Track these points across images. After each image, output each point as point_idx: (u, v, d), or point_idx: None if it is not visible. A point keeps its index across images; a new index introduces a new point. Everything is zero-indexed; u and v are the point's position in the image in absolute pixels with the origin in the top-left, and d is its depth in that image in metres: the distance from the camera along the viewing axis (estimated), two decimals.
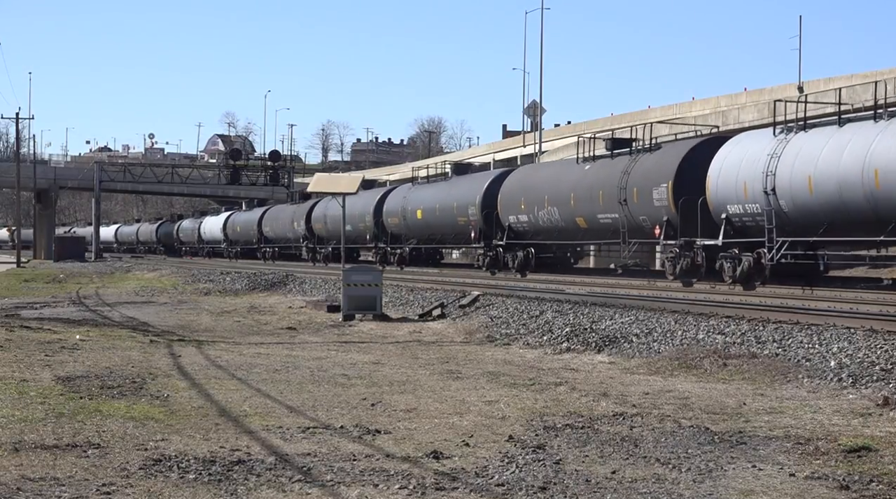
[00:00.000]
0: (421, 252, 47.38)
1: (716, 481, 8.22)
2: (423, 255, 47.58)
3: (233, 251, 76.96)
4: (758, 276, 25.86)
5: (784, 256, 25.01)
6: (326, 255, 55.88)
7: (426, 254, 47.76)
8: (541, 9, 65.52)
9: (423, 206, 44.43)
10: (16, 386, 12.66)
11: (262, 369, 15.12)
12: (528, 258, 36.69)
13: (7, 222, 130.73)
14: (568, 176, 34.58)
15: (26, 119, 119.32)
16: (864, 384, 12.56)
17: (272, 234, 67.50)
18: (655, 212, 29.32)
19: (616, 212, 31.03)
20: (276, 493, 7.80)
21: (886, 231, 22.43)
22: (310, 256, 58.91)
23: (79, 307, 30.71)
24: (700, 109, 59.87)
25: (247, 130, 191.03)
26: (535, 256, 36.58)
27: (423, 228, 44.73)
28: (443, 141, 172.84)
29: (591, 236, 34.68)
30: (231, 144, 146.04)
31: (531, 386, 13.55)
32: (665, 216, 29.00)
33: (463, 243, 42.90)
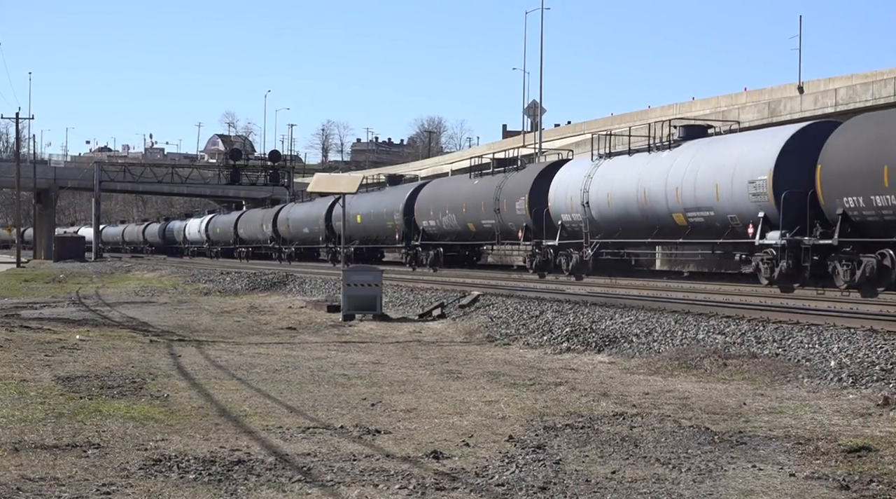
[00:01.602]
0: (363, 251, 53.66)
1: (716, 481, 8.22)
2: (364, 254, 53.74)
3: (214, 251, 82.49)
4: (584, 268, 33.21)
5: (599, 253, 32.93)
6: (290, 253, 63.54)
7: (367, 253, 53.86)
8: (541, 9, 65.49)
9: (362, 211, 51.27)
10: (16, 386, 12.66)
11: (262, 369, 15.12)
12: (438, 256, 43.75)
13: (7, 222, 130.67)
14: (462, 189, 42.28)
15: (26, 119, 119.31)
16: (864, 384, 12.56)
17: (245, 235, 74.53)
18: (518, 219, 37.15)
19: (493, 218, 39.17)
20: (276, 493, 7.80)
21: (653, 234, 30.84)
22: (275, 256, 66.75)
23: (79, 307, 30.71)
24: (700, 109, 59.88)
25: (247, 130, 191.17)
26: (444, 254, 43.60)
27: (363, 230, 51.81)
28: (443, 141, 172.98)
29: (479, 238, 42.11)
30: (231, 144, 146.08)
31: (531, 386, 13.55)
32: (524, 222, 36.83)
33: (391, 244, 49.40)
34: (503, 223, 38.42)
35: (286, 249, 64.81)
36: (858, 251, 23.30)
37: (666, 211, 29.52)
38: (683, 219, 29.04)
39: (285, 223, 65.22)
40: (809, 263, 24.52)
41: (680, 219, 29.17)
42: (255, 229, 71.99)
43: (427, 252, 44.38)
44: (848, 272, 23.51)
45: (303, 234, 62.30)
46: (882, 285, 22.80)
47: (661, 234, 30.63)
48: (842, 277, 23.68)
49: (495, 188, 38.87)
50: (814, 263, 24.44)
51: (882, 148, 22.41)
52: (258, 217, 72.44)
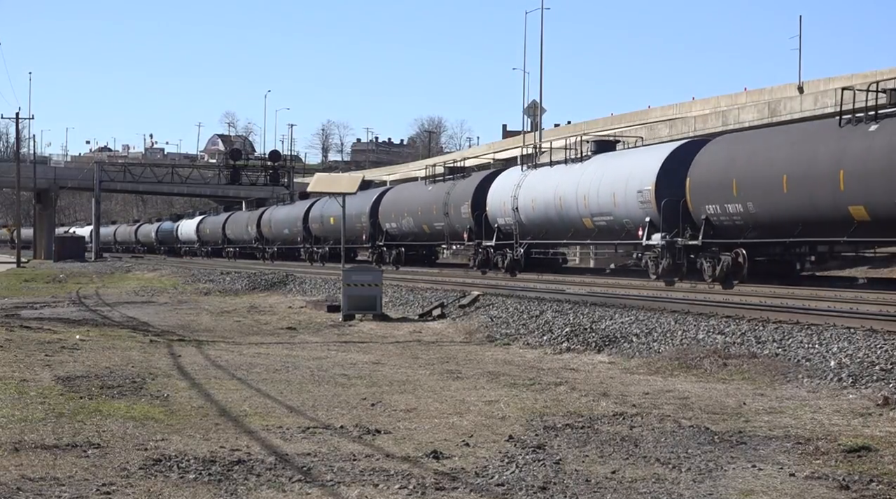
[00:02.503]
0: (337, 251, 55.82)
1: (716, 481, 8.22)
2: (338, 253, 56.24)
3: (204, 250, 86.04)
4: (517, 266, 36.97)
5: (529, 252, 37.07)
6: (272, 253, 67.49)
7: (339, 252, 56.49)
8: (541, 9, 65.48)
9: (335, 214, 54.22)
10: (16, 386, 12.66)
11: (262, 369, 15.12)
12: (400, 255, 47.65)
13: (7, 222, 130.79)
14: (418, 194, 46.37)
15: (26, 119, 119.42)
16: (864, 384, 12.56)
17: (232, 236, 78.37)
18: (464, 222, 41.14)
19: (443, 221, 43.04)
20: (276, 493, 7.80)
21: (568, 236, 35.35)
22: (259, 255, 70.33)
23: (79, 307, 30.72)
24: (700, 109, 59.92)
25: (247, 130, 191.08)
26: (405, 253, 47.79)
27: (335, 231, 54.54)
28: (443, 141, 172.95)
29: (433, 239, 45.97)
30: (231, 144, 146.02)
31: (531, 386, 13.55)
32: (468, 225, 40.83)
33: (360, 244, 52.85)
34: (451, 226, 42.59)
35: (269, 249, 68.48)
36: (719, 250, 27.72)
37: (577, 216, 33.78)
38: (591, 223, 33.36)
39: (268, 224, 68.98)
40: (684, 261, 28.70)
41: (588, 223, 33.46)
42: (241, 230, 75.43)
43: (390, 251, 48.49)
44: (711, 268, 27.75)
45: (283, 235, 65.71)
46: (737, 279, 26.76)
47: (574, 235, 35.19)
48: (706, 272, 27.84)
49: (445, 194, 43.04)
50: (688, 260, 28.64)
51: (731, 165, 27.18)
52: (244, 219, 76.30)
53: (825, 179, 23.76)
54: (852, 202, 23.15)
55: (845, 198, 23.26)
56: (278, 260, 64.16)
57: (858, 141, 23.34)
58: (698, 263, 28.09)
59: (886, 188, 22.17)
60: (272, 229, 68.04)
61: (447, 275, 37.85)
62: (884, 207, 22.44)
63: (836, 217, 23.77)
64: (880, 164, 22.45)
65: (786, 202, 25.05)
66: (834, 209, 23.71)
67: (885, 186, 22.21)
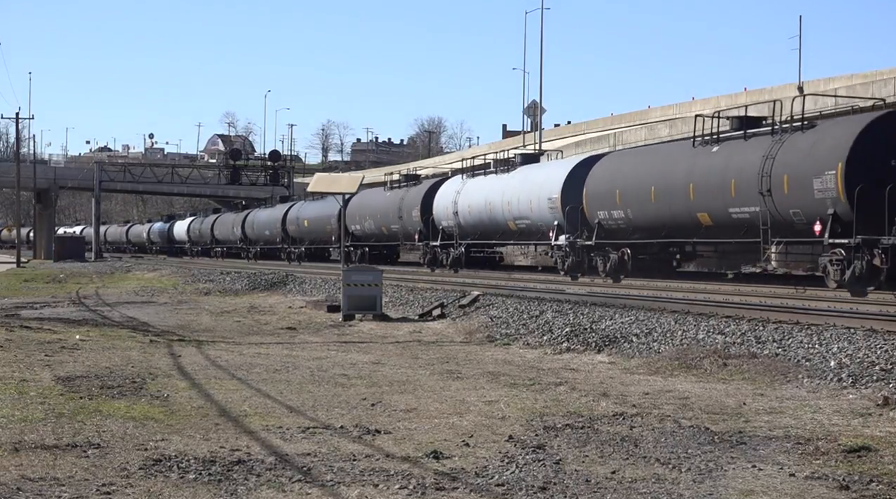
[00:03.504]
0: (312, 251, 62.17)
1: (716, 481, 8.22)
2: (314, 253, 62.30)
3: (194, 250, 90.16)
4: (458, 263, 41.91)
5: (469, 251, 42.34)
6: (255, 253, 72.21)
7: (316, 252, 62.34)
8: (541, 9, 65.49)
9: (309, 217, 61.16)
10: (16, 386, 12.66)
11: (262, 369, 15.12)
12: (364, 255, 52.04)
13: (7, 222, 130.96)
14: (378, 199, 51.38)
15: (26, 119, 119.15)
16: (864, 384, 12.56)
17: (220, 237, 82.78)
18: (415, 225, 46.05)
19: (398, 224, 47.94)
20: (276, 493, 7.80)
21: (497, 237, 40.78)
22: (244, 255, 75.20)
23: (79, 307, 30.72)
24: (700, 109, 59.87)
25: (247, 130, 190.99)
26: (369, 253, 52.36)
27: (310, 233, 61.16)
28: (443, 141, 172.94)
29: (391, 240, 50.60)
30: (231, 144, 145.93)
31: (531, 386, 13.55)
32: (419, 227, 45.58)
33: (330, 244, 58.50)
34: (405, 228, 47.55)
35: (252, 249, 73.30)
36: (609, 249, 32.61)
37: (503, 219, 39.02)
38: (514, 225, 38.48)
39: (251, 226, 73.89)
40: (584, 258, 33.59)
41: (512, 225, 38.63)
42: (228, 231, 80.00)
43: (356, 251, 53.06)
44: (603, 264, 32.78)
45: (265, 236, 70.73)
46: (623, 273, 31.81)
47: (502, 236, 40.54)
48: (600, 269, 32.86)
49: (399, 200, 48.10)
50: (589, 258, 33.35)
51: (616, 178, 32.34)
52: (230, 220, 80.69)
53: (680, 190, 28.86)
54: (699, 210, 28.27)
55: (694, 206, 28.37)
56: (261, 259, 68.75)
57: (704, 160, 28.46)
58: (594, 261, 33.09)
59: (721, 199, 27.23)
60: (255, 231, 73.00)
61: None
62: (720, 213, 27.49)
63: (689, 222, 29.00)
64: (717, 179, 27.48)
65: (653, 210, 30.23)
66: (687, 215, 28.86)
67: (720, 196, 27.28)
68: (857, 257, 23.08)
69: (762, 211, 25.55)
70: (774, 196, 25.25)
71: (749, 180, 25.93)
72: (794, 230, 25.38)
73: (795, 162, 24.85)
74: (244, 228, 74.89)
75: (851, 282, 23.34)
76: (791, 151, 25.17)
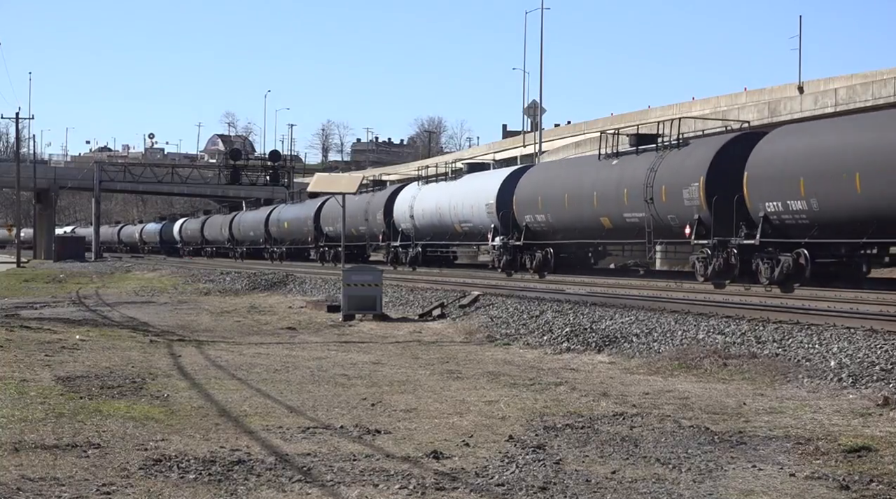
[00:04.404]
0: (293, 250, 66.67)
1: (716, 481, 8.22)
2: (294, 253, 66.72)
3: (186, 250, 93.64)
4: (416, 261, 45.98)
5: (424, 250, 46.33)
6: (241, 253, 76.54)
7: (296, 252, 66.37)
8: (541, 9, 65.56)
9: (289, 219, 66.20)
10: (16, 386, 12.66)
11: (262, 369, 15.12)
12: (337, 254, 54.55)
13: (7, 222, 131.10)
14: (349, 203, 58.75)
15: (26, 119, 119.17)
16: (864, 384, 12.56)
17: (210, 237, 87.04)
18: (379, 226, 50.44)
19: (365, 226, 52.63)
20: (276, 493, 7.80)
21: (446, 238, 45.13)
22: (231, 254, 79.38)
23: (79, 307, 30.72)
24: (700, 109, 59.87)
25: (247, 130, 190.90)
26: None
27: (290, 234, 65.97)
28: (443, 141, 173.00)
29: (360, 240, 54.53)
30: (231, 144, 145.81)
31: (531, 386, 13.55)
32: (383, 229, 50.08)
33: (307, 245, 62.77)
34: (371, 229, 52.01)
35: (239, 249, 77.55)
36: (535, 248, 36.78)
37: (451, 222, 43.37)
38: (460, 228, 42.82)
39: (238, 227, 78.17)
40: (516, 257, 37.83)
41: (458, 228, 42.98)
42: (217, 232, 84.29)
43: (330, 251, 57.50)
44: (530, 261, 37.04)
45: (250, 236, 75.00)
46: (547, 270, 36.10)
47: (450, 237, 44.89)
48: (528, 265, 36.87)
49: (366, 203, 52.47)
50: (519, 256, 37.66)
51: (539, 187, 36.64)
52: (218, 221, 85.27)
53: (587, 198, 33.38)
54: (602, 215, 32.80)
55: (598, 211, 32.92)
56: (247, 259, 72.71)
57: (605, 172, 33.05)
58: (523, 259, 37.40)
59: (617, 205, 31.73)
60: (241, 232, 77.39)
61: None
62: (618, 218, 31.90)
63: (595, 225, 33.62)
64: (614, 188, 32.00)
65: (568, 214, 34.76)
66: (593, 219, 33.39)
67: (616, 203, 31.78)
68: (716, 255, 27.71)
69: (646, 216, 30.24)
70: (656, 204, 29.82)
71: (637, 190, 30.47)
72: (672, 233, 30.00)
73: (671, 175, 29.38)
74: (231, 229, 78.92)
75: (712, 276, 27.97)
76: (668, 165, 29.75)
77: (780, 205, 25.47)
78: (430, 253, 47.01)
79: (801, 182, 24.79)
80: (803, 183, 24.75)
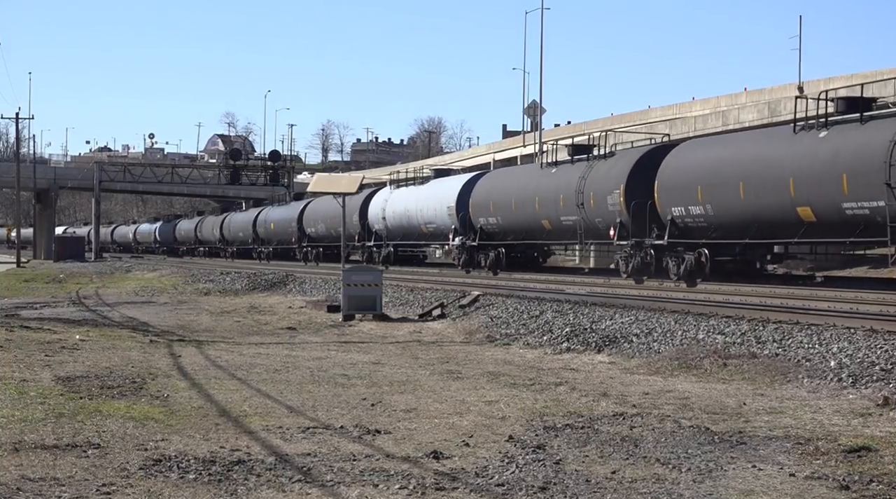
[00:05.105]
0: (279, 251, 69.71)
1: (716, 481, 8.22)
2: (280, 253, 69.61)
3: (181, 249, 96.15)
4: (389, 260, 49.18)
5: (396, 250, 50.20)
6: (232, 252, 79.88)
7: (282, 252, 69.07)
8: (541, 9, 65.49)
9: (275, 220, 69.95)
10: (16, 386, 12.65)
11: (262, 369, 15.12)
12: (319, 253, 60.42)
13: (7, 222, 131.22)
14: (327, 206, 57.39)
15: (26, 119, 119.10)
16: (864, 384, 12.56)
17: (203, 237, 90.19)
18: (355, 227, 52.61)
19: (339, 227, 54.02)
20: (276, 493, 7.81)
21: (414, 238, 48.65)
22: (222, 254, 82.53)
23: (79, 307, 30.72)
24: (700, 109, 59.91)
25: (247, 130, 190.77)
26: (322, 252, 60.39)
27: (274, 235, 70.09)
28: (443, 141, 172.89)
29: (336, 240, 54.41)
30: (231, 144, 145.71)
31: (531, 386, 13.55)
32: (358, 230, 52.79)
33: (291, 245, 65.78)
34: (348, 230, 53.23)
35: (229, 249, 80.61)
36: (490, 249, 40.79)
37: (417, 223, 46.91)
38: (426, 228, 46.31)
39: (228, 228, 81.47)
40: (474, 256, 41.72)
41: (424, 229, 46.48)
42: (209, 233, 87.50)
43: (312, 251, 61.79)
44: (484, 260, 41.14)
45: (239, 237, 78.28)
46: (499, 268, 39.51)
47: (418, 237, 48.42)
48: (483, 264, 41.00)
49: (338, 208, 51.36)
50: (476, 255, 41.69)
51: (491, 192, 41.13)
52: (211, 223, 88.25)
53: (530, 203, 37.38)
54: (543, 218, 36.61)
55: (539, 214, 36.75)
56: (237, 258, 75.78)
57: (545, 179, 37.06)
58: (479, 258, 41.41)
59: (555, 210, 35.60)
60: (231, 233, 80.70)
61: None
62: (555, 220, 35.78)
63: (537, 227, 37.30)
64: (552, 194, 35.87)
65: (514, 217, 38.64)
66: (535, 222, 37.28)
67: (554, 208, 35.67)
68: (634, 254, 31.22)
69: (578, 219, 34.09)
70: (586, 208, 33.60)
71: (571, 196, 34.41)
72: (599, 234, 33.68)
73: (598, 183, 33.11)
74: (222, 229, 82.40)
75: (633, 272, 31.41)
76: (596, 174, 33.56)
77: (684, 210, 29.20)
78: (402, 252, 50.86)
79: (699, 190, 28.43)
80: (700, 191, 28.38)
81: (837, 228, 24.60)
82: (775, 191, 25.63)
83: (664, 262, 30.03)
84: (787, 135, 26.42)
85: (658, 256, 30.23)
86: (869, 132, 23.77)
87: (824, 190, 24.24)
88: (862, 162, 23.32)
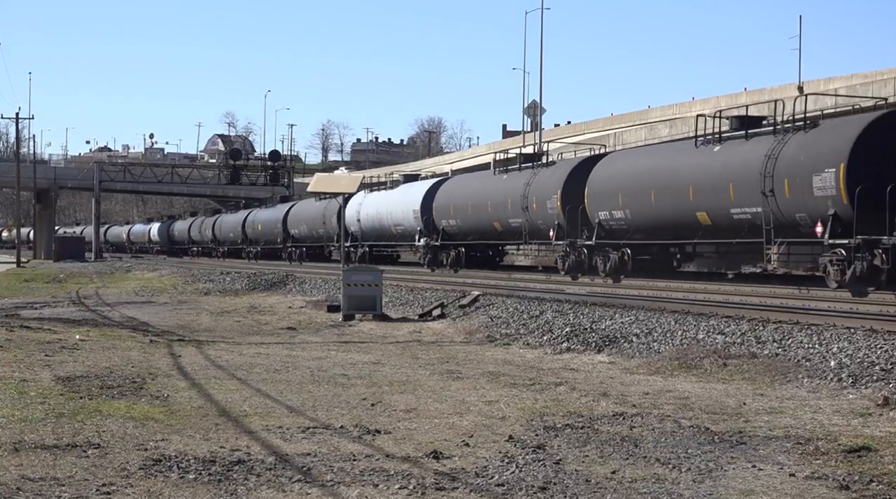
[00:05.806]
0: (266, 251, 72.85)
1: (716, 481, 8.22)
2: (267, 253, 72.60)
3: (175, 249, 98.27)
4: (364, 259, 52.16)
5: (371, 250, 53.30)
6: (223, 252, 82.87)
7: (269, 252, 72.11)
8: (541, 9, 65.47)
9: (262, 221, 73.91)
10: (16, 386, 12.65)
11: (262, 369, 15.12)
12: (302, 253, 64.00)
13: (7, 222, 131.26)
14: (311, 209, 63.05)
15: (26, 119, 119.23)
16: (864, 384, 12.56)
17: (196, 237, 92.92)
18: (334, 228, 56.40)
19: (322, 228, 59.91)
20: (276, 493, 7.80)
21: (386, 239, 51.61)
22: (214, 254, 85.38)
23: (79, 307, 30.72)
24: (700, 109, 59.87)
25: (247, 130, 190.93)
26: (306, 252, 64.14)
27: (261, 236, 73.71)
28: (443, 141, 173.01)
29: (320, 241, 62.00)
30: (231, 144, 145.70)
31: (531, 386, 13.55)
32: (336, 231, 54.95)
33: (277, 245, 69.41)
34: (328, 232, 59.08)
35: (220, 249, 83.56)
36: (451, 249, 44.28)
37: (388, 225, 50.30)
38: (395, 230, 49.69)
39: (219, 229, 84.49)
40: (438, 255, 44.73)
41: (394, 230, 49.82)
42: (202, 233, 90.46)
43: (296, 250, 64.89)
44: (445, 258, 44.22)
45: (230, 238, 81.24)
46: (459, 266, 43.20)
47: (389, 238, 51.68)
48: (445, 262, 44.06)
49: (323, 209, 59.66)
50: (439, 254, 44.68)
51: (451, 195, 44.55)
52: (204, 224, 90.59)
53: (484, 206, 40.83)
54: (494, 220, 40.36)
55: (492, 217, 40.43)
56: (228, 258, 78.65)
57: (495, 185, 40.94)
58: (441, 257, 44.53)
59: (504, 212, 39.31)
60: (222, 233, 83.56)
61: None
62: (504, 222, 39.47)
63: (490, 229, 41.21)
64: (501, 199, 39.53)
65: (471, 219, 42.29)
66: (489, 224, 40.91)
67: (502, 211, 39.38)
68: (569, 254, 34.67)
69: (524, 222, 37.63)
70: (529, 213, 36.99)
71: (517, 201, 38.09)
72: (541, 235, 36.97)
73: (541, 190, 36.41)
74: (214, 230, 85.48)
75: (569, 270, 34.64)
76: (538, 182, 36.99)
77: (609, 214, 32.67)
78: (376, 252, 54.23)
79: (620, 196, 31.87)
80: (621, 197, 31.83)
81: (728, 231, 28.04)
82: (678, 198, 29.20)
83: (594, 260, 33.25)
84: (690, 148, 30.13)
85: (590, 255, 33.45)
86: (750, 147, 27.31)
87: (717, 197, 27.79)
88: (744, 173, 26.72)
